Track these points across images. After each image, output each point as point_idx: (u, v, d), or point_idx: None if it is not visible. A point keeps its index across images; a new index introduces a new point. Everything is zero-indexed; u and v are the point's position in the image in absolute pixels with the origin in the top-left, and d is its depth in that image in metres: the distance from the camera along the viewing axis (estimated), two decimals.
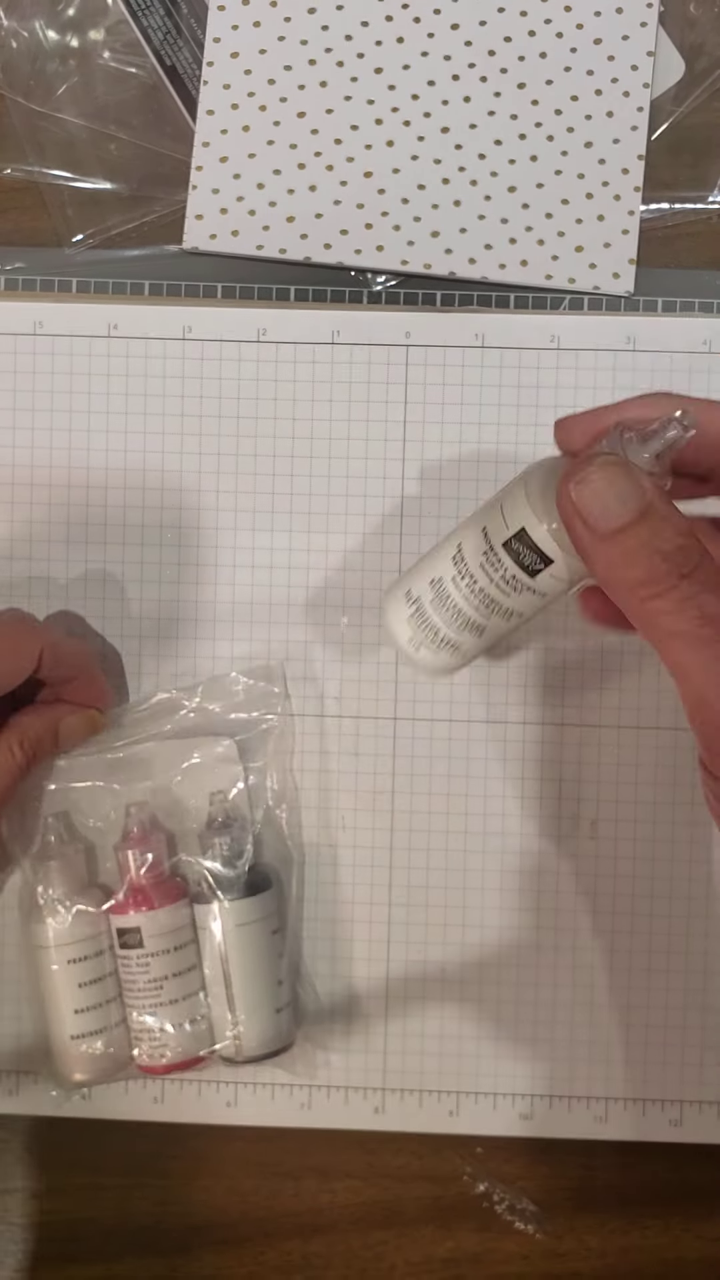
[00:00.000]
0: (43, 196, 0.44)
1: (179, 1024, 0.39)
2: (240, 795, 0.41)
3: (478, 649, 0.33)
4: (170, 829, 0.41)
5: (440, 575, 0.32)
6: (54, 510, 0.43)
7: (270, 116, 0.43)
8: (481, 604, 0.31)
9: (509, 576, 0.30)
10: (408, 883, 0.43)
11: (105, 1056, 0.39)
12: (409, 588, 0.33)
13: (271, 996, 0.40)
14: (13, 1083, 0.42)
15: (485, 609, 0.31)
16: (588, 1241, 0.42)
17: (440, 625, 0.32)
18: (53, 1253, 0.42)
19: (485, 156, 0.43)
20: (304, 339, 0.43)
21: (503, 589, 0.30)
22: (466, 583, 0.31)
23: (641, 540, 0.26)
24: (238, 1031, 0.39)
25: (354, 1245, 0.42)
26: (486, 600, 0.31)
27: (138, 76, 0.44)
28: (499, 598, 0.31)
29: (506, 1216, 0.42)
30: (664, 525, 0.26)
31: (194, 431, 0.43)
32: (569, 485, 0.27)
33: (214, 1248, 0.42)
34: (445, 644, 0.32)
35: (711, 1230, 0.42)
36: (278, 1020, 0.40)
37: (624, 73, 0.43)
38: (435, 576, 0.32)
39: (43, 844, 0.40)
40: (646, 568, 0.26)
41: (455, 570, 0.31)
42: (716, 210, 0.44)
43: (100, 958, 0.39)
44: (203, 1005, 0.40)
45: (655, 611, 0.26)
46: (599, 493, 0.26)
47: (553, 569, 0.30)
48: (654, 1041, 0.42)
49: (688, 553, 0.26)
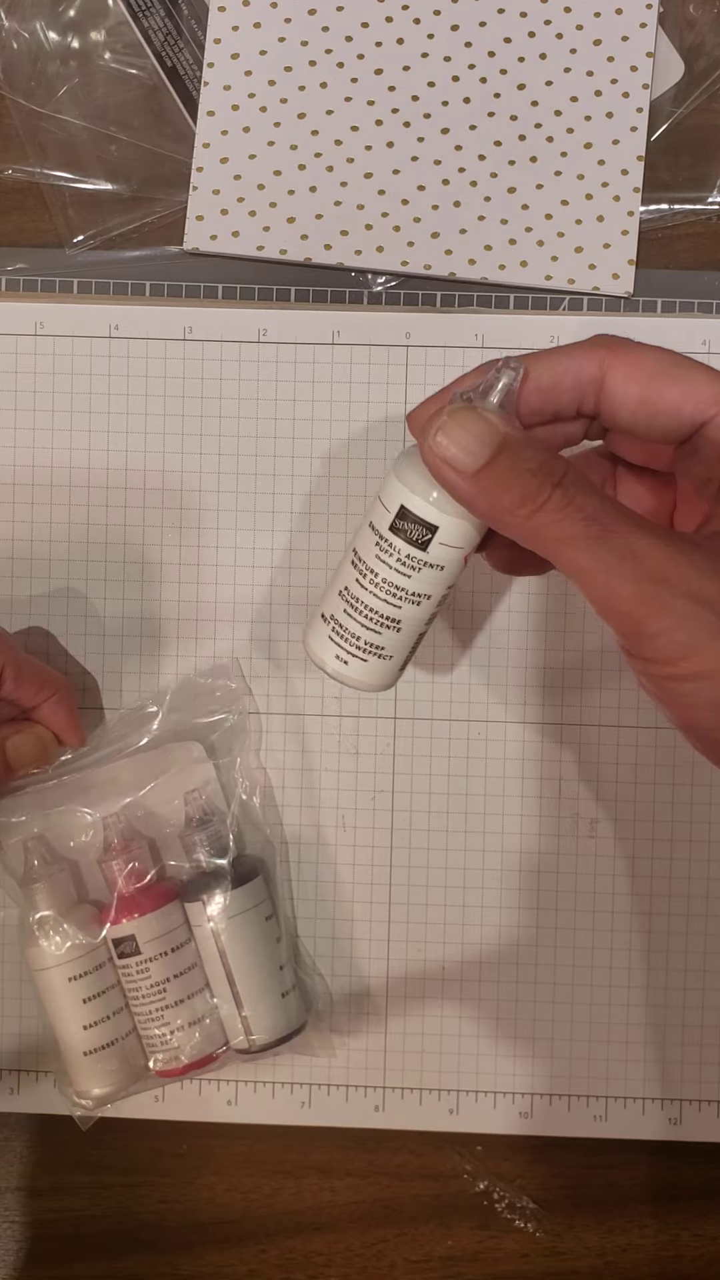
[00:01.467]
0: (44, 197, 0.44)
1: (188, 1024, 0.39)
2: (214, 791, 0.42)
3: (403, 647, 0.33)
4: (150, 835, 0.42)
5: (346, 584, 0.33)
6: (54, 510, 0.43)
7: (271, 117, 0.43)
8: (389, 594, 0.32)
9: (404, 556, 0.31)
10: (408, 882, 0.43)
11: (121, 1067, 0.40)
12: (322, 611, 0.34)
13: (275, 982, 0.40)
14: (13, 1082, 0.43)
15: (394, 598, 0.32)
16: (587, 1240, 0.42)
17: (359, 631, 0.33)
18: (55, 1251, 0.42)
19: (485, 158, 0.43)
20: (304, 339, 0.43)
21: (402, 571, 0.32)
22: (369, 578, 0.32)
23: (507, 465, 0.28)
24: (247, 1023, 0.39)
25: (354, 1243, 0.42)
26: (391, 589, 0.32)
27: (138, 78, 0.44)
28: (402, 582, 0.32)
29: (506, 1215, 0.42)
30: (524, 448, 0.28)
31: (194, 431, 0.43)
32: (428, 441, 0.29)
33: (215, 1246, 0.42)
34: (370, 649, 0.33)
35: (710, 1229, 0.42)
36: (285, 1005, 0.40)
37: (623, 74, 0.43)
38: (342, 588, 0.33)
39: (26, 868, 0.40)
40: (520, 488, 0.28)
41: (357, 573, 0.32)
42: (716, 211, 0.44)
43: (101, 971, 0.39)
44: (209, 1002, 0.40)
45: (541, 524, 0.28)
46: (456, 437, 0.29)
47: (440, 535, 0.31)
48: (653, 1040, 0.42)
49: (553, 464, 0.28)
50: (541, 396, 0.31)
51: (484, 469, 0.28)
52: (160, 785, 0.41)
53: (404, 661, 0.34)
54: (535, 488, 0.28)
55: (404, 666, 0.34)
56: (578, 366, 0.31)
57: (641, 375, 0.30)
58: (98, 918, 0.40)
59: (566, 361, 0.31)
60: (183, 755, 0.41)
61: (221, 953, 0.39)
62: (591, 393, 0.31)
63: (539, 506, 0.28)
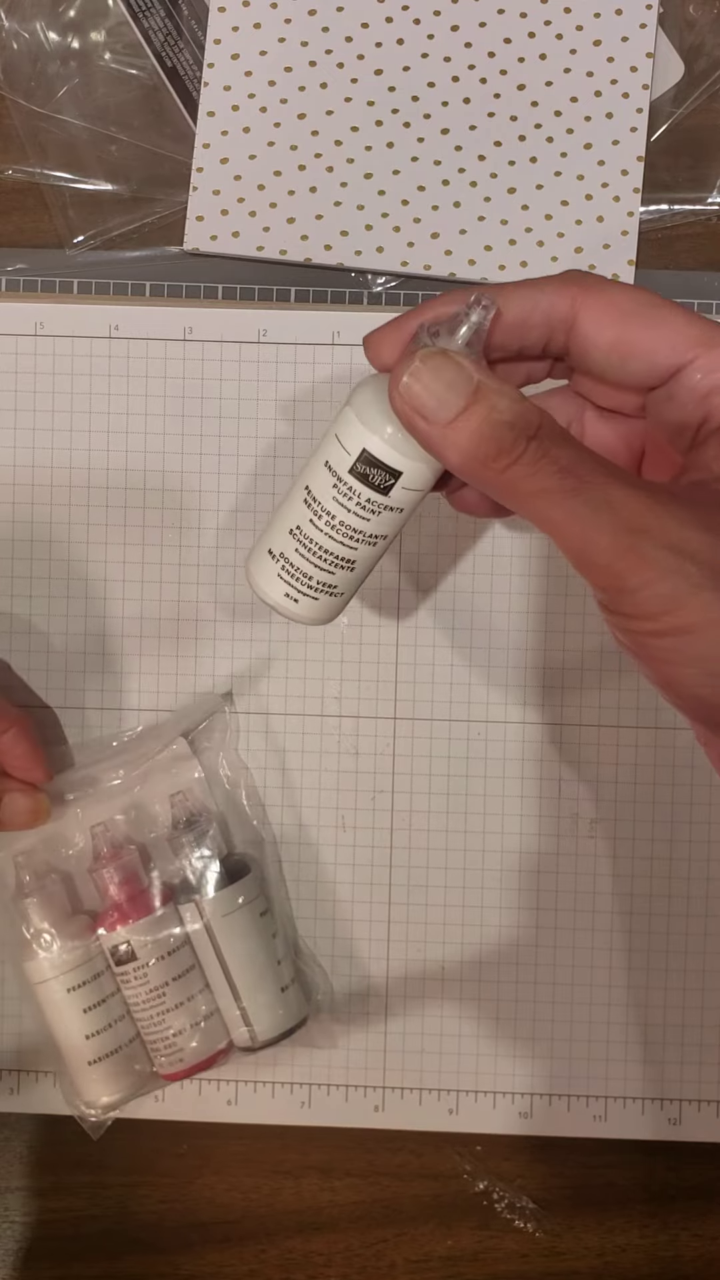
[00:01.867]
0: (44, 198, 0.44)
1: (190, 1026, 0.39)
2: (200, 788, 0.42)
3: (353, 583, 0.32)
4: (140, 841, 0.42)
5: (297, 523, 0.31)
6: (54, 510, 0.43)
7: (271, 118, 0.43)
8: (346, 537, 0.31)
9: (364, 500, 0.30)
10: (407, 882, 0.43)
11: (127, 1073, 0.40)
12: (269, 546, 0.32)
13: (274, 976, 0.40)
14: (13, 1082, 0.43)
15: (351, 540, 0.31)
16: (586, 1240, 0.42)
17: (311, 571, 0.32)
18: (55, 1251, 0.42)
19: (485, 158, 0.43)
20: (305, 340, 0.43)
21: (361, 515, 0.30)
22: (325, 520, 0.31)
23: (482, 417, 0.27)
24: (248, 1019, 0.39)
25: (354, 1243, 0.42)
26: (349, 532, 0.31)
27: (138, 78, 0.44)
28: (360, 525, 0.31)
29: (506, 1215, 0.42)
30: (499, 398, 0.27)
31: (194, 432, 0.43)
32: (398, 388, 0.28)
33: (215, 1246, 0.42)
34: (322, 588, 0.32)
35: (710, 1229, 0.42)
36: (285, 999, 0.40)
37: (623, 74, 0.44)
38: (293, 526, 0.31)
39: (18, 883, 0.40)
40: (495, 441, 0.27)
41: (310, 513, 0.31)
42: (716, 212, 0.44)
43: (99, 980, 0.40)
44: (209, 1002, 0.40)
45: (515, 478, 0.27)
46: (428, 385, 0.27)
47: (403, 480, 0.30)
48: (653, 1040, 0.42)
49: (528, 415, 0.27)
50: (506, 332, 0.29)
51: (457, 420, 0.27)
52: (146, 789, 0.42)
53: (352, 595, 0.33)
54: (511, 440, 0.27)
55: (349, 599, 0.33)
56: (548, 303, 0.29)
57: (615, 315, 0.29)
58: (92, 927, 0.40)
59: (536, 296, 0.29)
60: (168, 754, 0.41)
61: (218, 951, 0.39)
62: (561, 331, 0.29)
63: (514, 460, 0.27)
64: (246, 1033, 0.39)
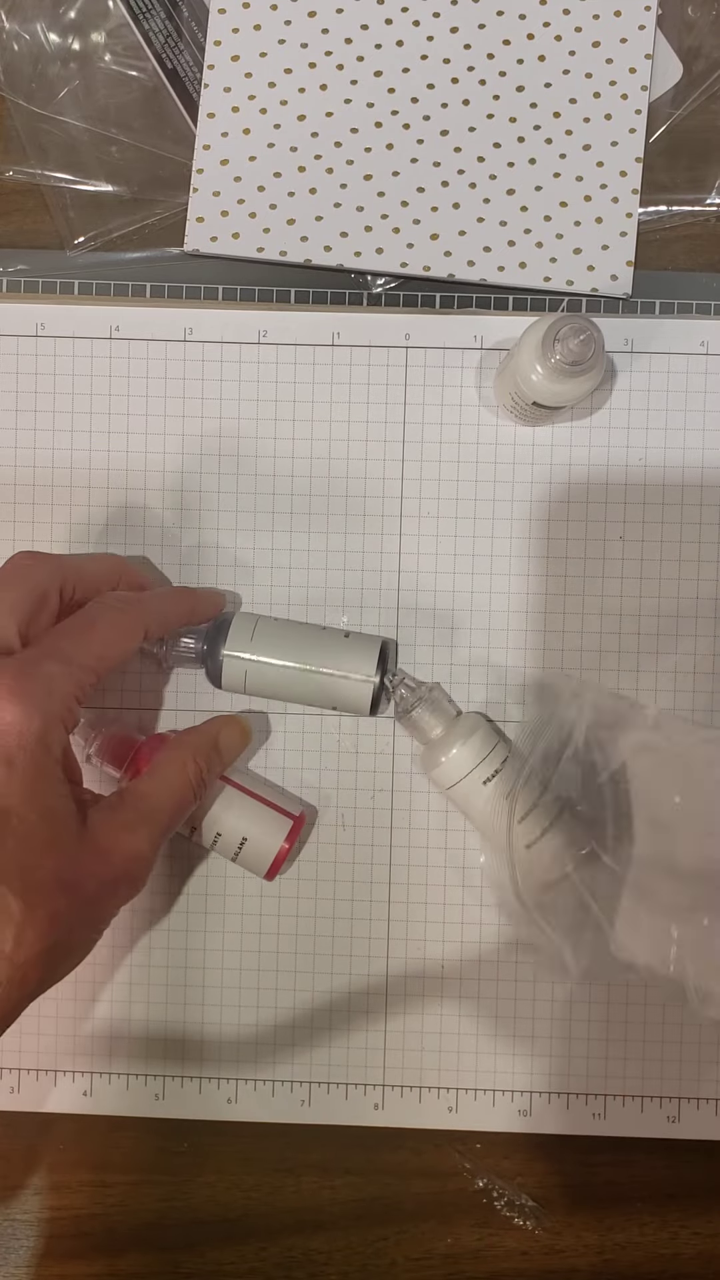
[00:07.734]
0: (45, 199, 0.44)
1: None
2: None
3: None
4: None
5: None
6: (55, 510, 0.43)
7: (271, 120, 0.44)
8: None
9: None
10: (407, 882, 0.43)
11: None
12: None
13: (331, 638, 0.41)
14: (14, 1081, 0.43)
15: None
16: (586, 1237, 0.42)
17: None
18: (58, 1249, 0.42)
19: (484, 159, 0.43)
20: (304, 340, 0.43)
21: None
22: None
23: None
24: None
25: (354, 1241, 0.42)
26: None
27: (139, 79, 0.44)
28: None
29: (505, 1212, 0.42)
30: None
31: (194, 432, 0.43)
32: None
33: (217, 1244, 0.42)
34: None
35: (708, 1226, 0.42)
36: (352, 643, 0.41)
37: (622, 76, 0.44)
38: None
39: (398, 700, 0.41)
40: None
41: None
42: (714, 212, 0.44)
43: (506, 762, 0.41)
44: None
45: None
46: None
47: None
48: (652, 1039, 0.42)
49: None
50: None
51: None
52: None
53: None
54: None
55: None
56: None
57: None
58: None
59: None
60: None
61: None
62: None
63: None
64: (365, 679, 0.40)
